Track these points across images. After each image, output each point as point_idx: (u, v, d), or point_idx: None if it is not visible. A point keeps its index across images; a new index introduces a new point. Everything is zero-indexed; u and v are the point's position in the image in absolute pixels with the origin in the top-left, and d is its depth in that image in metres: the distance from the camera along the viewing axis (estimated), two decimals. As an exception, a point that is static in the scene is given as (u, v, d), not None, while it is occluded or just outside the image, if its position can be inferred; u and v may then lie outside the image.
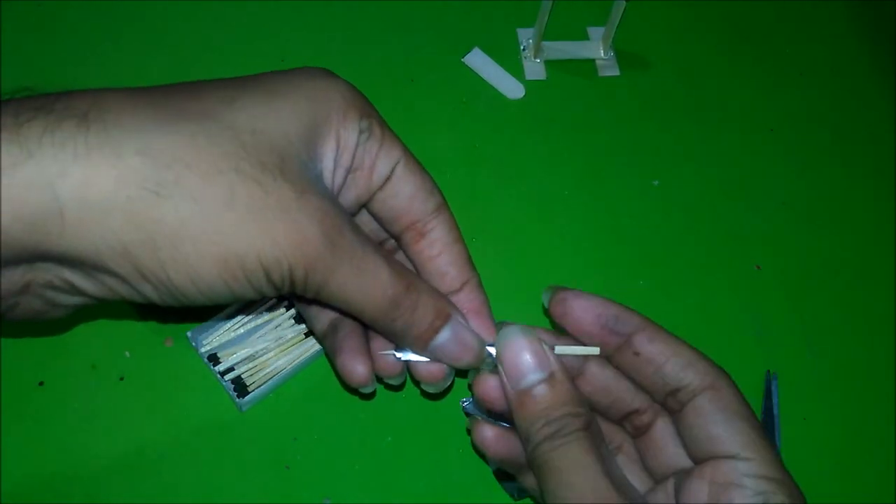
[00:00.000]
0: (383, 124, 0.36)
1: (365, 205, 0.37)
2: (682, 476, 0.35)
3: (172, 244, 0.29)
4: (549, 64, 0.64)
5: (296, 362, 0.49)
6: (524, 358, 0.35)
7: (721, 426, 0.34)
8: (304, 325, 0.50)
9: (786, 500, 0.33)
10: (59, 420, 0.47)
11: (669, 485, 0.36)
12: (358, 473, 0.47)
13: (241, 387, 0.48)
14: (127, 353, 0.49)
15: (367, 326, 0.37)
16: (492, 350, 0.38)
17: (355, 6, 0.64)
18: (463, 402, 0.49)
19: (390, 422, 0.49)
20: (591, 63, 0.64)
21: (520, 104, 0.62)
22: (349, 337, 0.38)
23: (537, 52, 0.63)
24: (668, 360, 0.36)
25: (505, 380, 0.36)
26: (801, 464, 0.50)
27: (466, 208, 0.56)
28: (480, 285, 0.40)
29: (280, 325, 0.50)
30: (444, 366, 0.38)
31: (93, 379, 0.48)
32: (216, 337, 0.49)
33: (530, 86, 0.62)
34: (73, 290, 0.31)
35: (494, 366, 0.37)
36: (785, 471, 0.34)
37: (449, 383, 0.41)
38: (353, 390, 0.47)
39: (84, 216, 0.27)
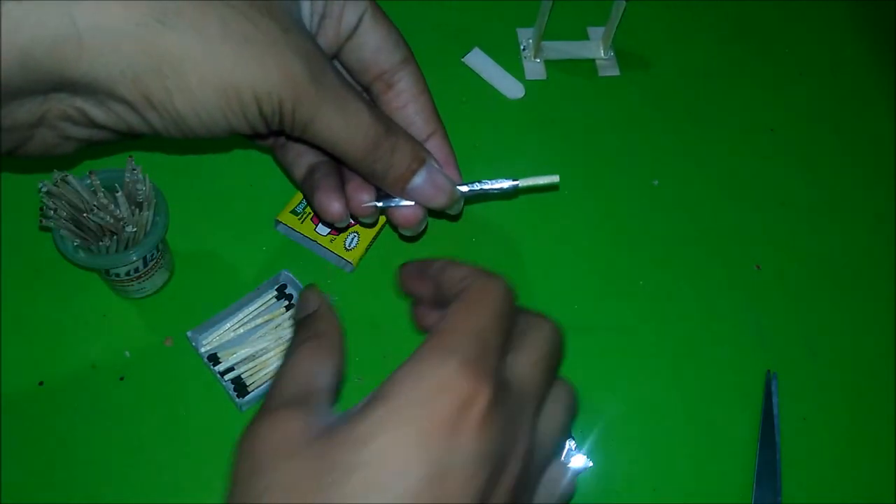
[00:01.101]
0: None
1: (336, 56, 0.39)
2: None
3: (177, 72, 0.31)
4: (549, 64, 0.64)
5: (296, 362, 0.49)
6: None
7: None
8: (304, 325, 0.50)
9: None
10: (59, 420, 0.47)
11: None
12: (358, 473, 0.47)
13: (240, 387, 0.48)
14: (127, 353, 0.49)
15: (350, 168, 0.39)
16: (462, 189, 0.41)
17: (355, 6, 0.64)
18: None
19: (390, 422, 0.49)
20: (591, 63, 0.64)
21: (520, 104, 0.62)
22: (326, 177, 0.41)
23: (537, 51, 0.63)
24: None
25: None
26: (801, 464, 0.50)
27: (466, 208, 0.56)
28: (446, 136, 0.43)
29: (280, 324, 0.50)
30: (420, 210, 0.41)
31: (93, 379, 0.48)
32: (216, 337, 0.49)
33: (530, 86, 0.62)
34: (86, 119, 0.32)
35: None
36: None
37: (423, 227, 0.44)
38: (328, 223, 0.48)
39: (99, 41, 0.29)
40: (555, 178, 0.44)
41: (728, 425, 0.51)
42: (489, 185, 0.43)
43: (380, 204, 0.41)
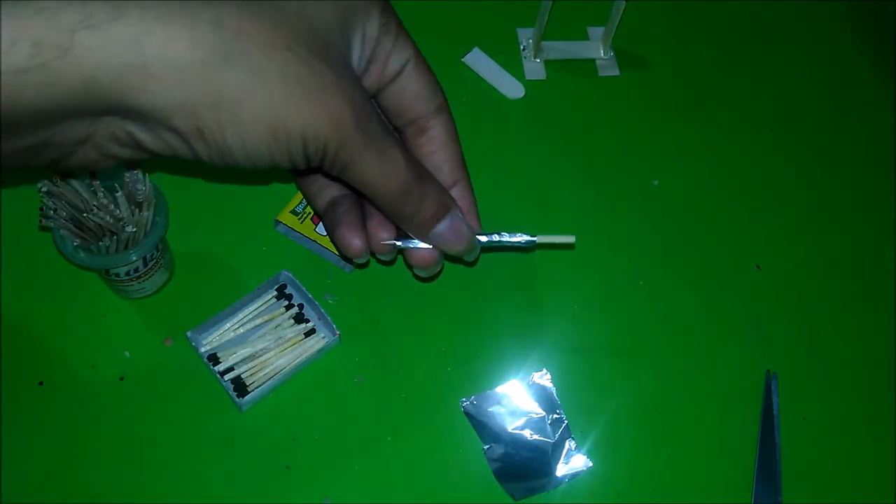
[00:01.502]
0: (399, 23, 0.39)
1: (374, 97, 0.40)
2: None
3: (233, 109, 0.32)
4: (549, 64, 0.64)
5: (296, 362, 0.49)
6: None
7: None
8: (303, 325, 0.50)
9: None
10: (59, 420, 0.47)
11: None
12: (358, 473, 0.47)
13: (240, 386, 0.48)
14: (127, 353, 0.49)
15: (378, 208, 0.40)
16: (482, 238, 0.43)
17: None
18: (463, 402, 0.49)
19: (390, 422, 0.49)
20: (591, 63, 0.64)
21: (520, 104, 0.62)
22: (348, 213, 0.42)
23: (537, 51, 0.63)
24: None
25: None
26: (801, 464, 0.50)
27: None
28: (470, 186, 0.44)
29: (280, 324, 0.50)
30: (437, 253, 0.42)
31: (93, 379, 0.48)
32: (216, 337, 0.49)
33: (530, 85, 0.62)
34: (132, 142, 0.33)
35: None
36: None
37: (439, 269, 0.45)
38: (347, 259, 0.49)
39: (164, 73, 0.30)
40: (570, 239, 0.46)
41: (728, 425, 0.51)
42: (507, 238, 0.44)
43: (399, 243, 0.42)
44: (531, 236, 0.45)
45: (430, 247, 0.42)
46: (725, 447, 0.50)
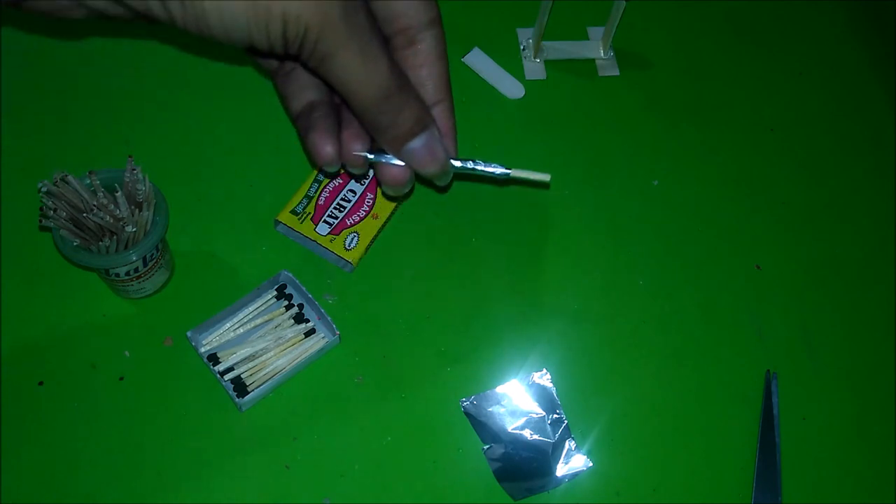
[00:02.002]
0: None
1: None
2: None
3: None
4: (548, 64, 0.64)
5: (295, 362, 0.49)
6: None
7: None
8: (303, 325, 0.50)
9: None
10: (59, 420, 0.47)
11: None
12: (358, 473, 0.47)
13: (240, 386, 0.48)
14: (126, 353, 0.49)
15: (354, 113, 0.39)
16: (456, 163, 0.41)
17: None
18: (463, 402, 0.49)
19: (390, 422, 0.49)
20: (591, 63, 0.64)
21: (520, 104, 0.62)
22: (323, 118, 0.41)
23: (537, 51, 0.63)
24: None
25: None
26: (802, 463, 0.50)
27: (466, 208, 0.56)
28: (452, 108, 0.42)
29: (280, 324, 0.50)
30: (409, 171, 0.41)
31: (92, 379, 0.48)
32: (216, 337, 0.49)
33: (530, 86, 0.62)
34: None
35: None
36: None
37: (408, 190, 0.43)
38: (317, 167, 0.48)
39: None
40: (546, 177, 0.44)
41: (728, 425, 0.51)
42: (482, 167, 0.42)
43: (371, 156, 0.41)
44: (506, 168, 0.43)
45: (403, 164, 0.41)
46: (725, 447, 0.50)
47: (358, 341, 0.51)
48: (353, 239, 0.52)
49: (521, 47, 0.64)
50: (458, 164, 0.41)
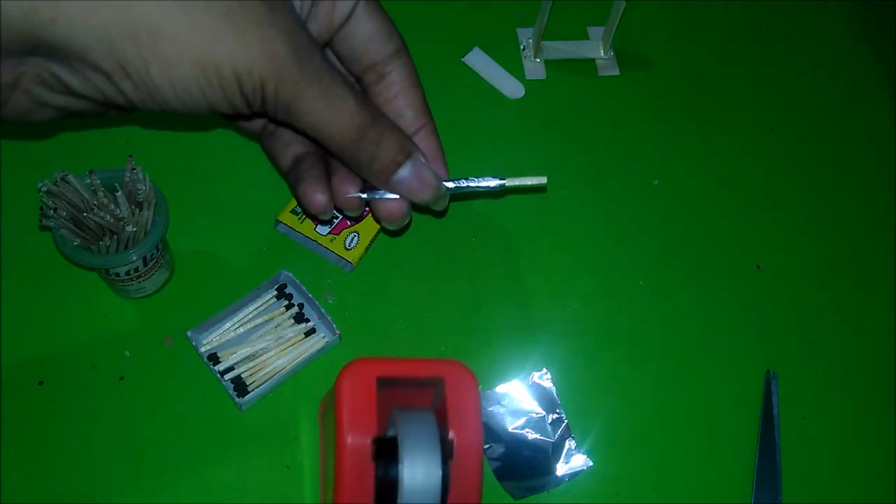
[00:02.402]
0: None
1: (328, 44, 0.39)
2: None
3: (154, 41, 0.30)
4: (549, 63, 0.64)
5: (295, 362, 0.49)
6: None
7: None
8: (304, 325, 0.50)
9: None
10: (58, 419, 0.47)
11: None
12: (358, 473, 0.47)
13: (240, 386, 0.48)
14: (126, 353, 0.49)
15: (334, 155, 0.39)
16: (448, 185, 0.41)
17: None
18: None
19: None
20: (591, 63, 0.64)
21: (520, 104, 0.62)
22: (311, 168, 0.41)
23: (537, 51, 0.63)
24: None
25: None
26: (801, 463, 0.50)
27: (466, 208, 0.56)
28: (435, 131, 0.42)
29: (280, 324, 0.50)
30: (404, 203, 0.41)
31: (92, 378, 0.48)
32: (216, 336, 0.49)
33: (530, 85, 0.62)
34: (61, 86, 0.32)
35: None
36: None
37: (407, 222, 0.43)
38: (312, 216, 0.48)
39: (75, 5, 0.29)
40: (542, 179, 0.43)
41: (728, 425, 0.51)
42: (476, 183, 0.42)
43: (364, 196, 0.41)
44: (501, 179, 0.43)
45: (397, 197, 0.41)
46: (725, 447, 0.50)
47: (358, 341, 0.51)
48: (353, 239, 0.52)
49: (521, 47, 0.64)
50: (451, 185, 0.41)
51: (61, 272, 0.51)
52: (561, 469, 0.48)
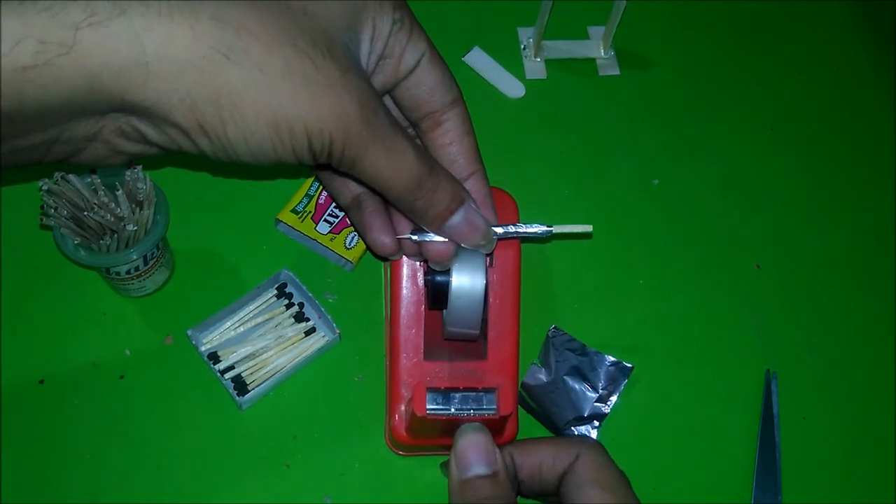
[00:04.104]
0: (413, 18, 0.39)
1: (390, 91, 0.41)
2: None
3: (234, 104, 0.32)
4: (549, 63, 0.64)
5: (296, 361, 0.49)
6: (476, 452, 0.40)
7: (576, 495, 0.40)
8: (304, 324, 0.50)
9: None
10: (59, 418, 0.47)
11: None
12: (358, 472, 0.47)
13: (240, 385, 0.48)
14: (127, 352, 0.49)
15: (390, 202, 0.40)
16: (497, 230, 0.43)
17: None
18: None
19: (390, 421, 0.49)
20: (591, 62, 0.64)
21: (520, 103, 0.62)
22: (375, 215, 0.43)
23: (538, 51, 0.63)
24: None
25: (454, 468, 0.40)
26: (801, 463, 0.50)
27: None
28: (485, 177, 0.44)
29: (280, 323, 0.50)
30: (453, 246, 0.42)
31: (93, 377, 0.48)
32: (216, 335, 0.49)
33: (530, 85, 0.62)
34: (140, 137, 0.34)
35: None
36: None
37: (454, 264, 0.44)
38: (380, 257, 0.48)
39: (165, 69, 0.30)
40: (588, 228, 0.44)
41: (728, 425, 0.51)
42: (523, 229, 0.44)
43: (415, 237, 0.42)
44: (548, 226, 0.44)
45: (446, 240, 0.42)
46: (725, 447, 0.50)
47: (358, 340, 0.51)
48: (353, 238, 0.52)
49: (522, 46, 0.64)
50: (499, 230, 0.43)
51: (61, 271, 0.51)
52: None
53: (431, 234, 0.42)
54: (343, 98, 0.33)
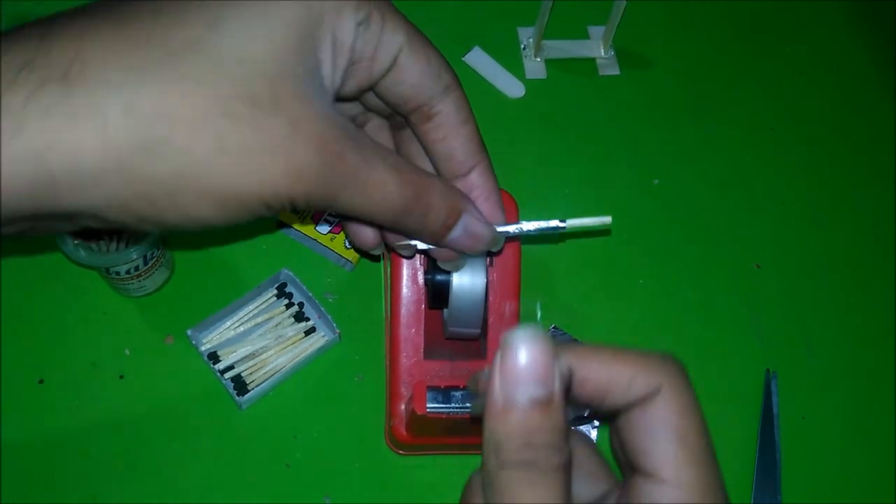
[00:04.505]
0: (385, 8, 0.34)
1: (371, 89, 0.36)
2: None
3: (169, 196, 0.28)
4: (549, 63, 0.64)
5: (295, 360, 0.49)
6: (530, 368, 0.28)
7: (647, 441, 0.31)
8: (303, 324, 0.50)
9: None
10: (59, 418, 0.47)
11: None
12: (358, 472, 0.47)
13: (240, 385, 0.48)
14: (127, 352, 0.49)
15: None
16: (506, 229, 0.39)
17: (356, 5, 0.64)
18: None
19: (390, 420, 0.49)
20: (591, 62, 0.64)
21: (520, 103, 0.62)
22: None
23: (538, 50, 0.63)
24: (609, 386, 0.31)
25: (497, 382, 0.28)
26: (801, 463, 0.50)
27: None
28: (489, 168, 0.40)
29: (280, 323, 0.50)
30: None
31: (93, 377, 0.48)
32: (216, 335, 0.49)
33: (530, 85, 0.62)
34: (78, 225, 0.31)
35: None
36: (710, 494, 0.30)
37: (465, 262, 0.42)
38: (361, 252, 0.48)
39: (77, 182, 0.27)
40: (606, 220, 0.39)
41: (728, 425, 0.51)
42: (534, 226, 0.40)
43: (418, 245, 0.39)
44: (561, 221, 0.39)
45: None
46: (725, 447, 0.50)
47: (358, 340, 0.51)
48: (353, 238, 0.52)
49: (522, 46, 0.64)
50: (510, 228, 0.39)
51: (62, 271, 0.51)
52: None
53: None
54: (298, 153, 0.29)
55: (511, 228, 0.39)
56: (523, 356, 0.28)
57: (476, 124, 0.39)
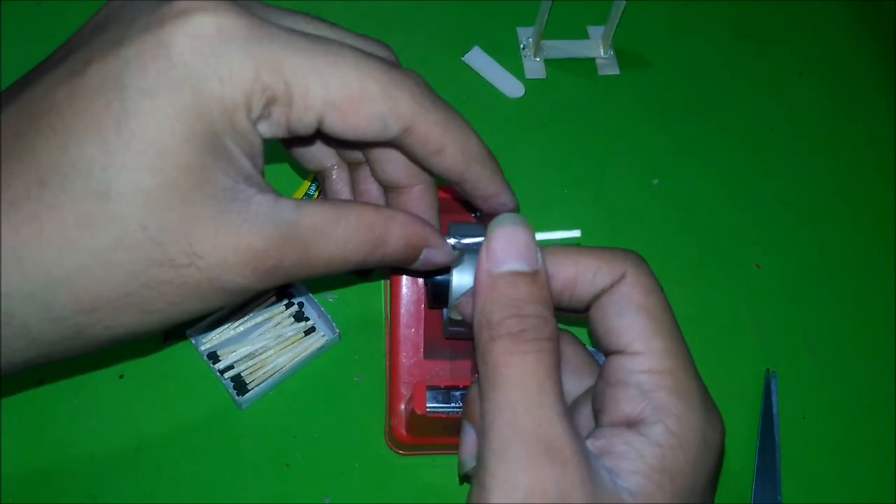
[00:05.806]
0: (290, 80, 0.29)
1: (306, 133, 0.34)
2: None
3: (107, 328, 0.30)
4: (548, 62, 0.64)
5: (295, 360, 0.49)
6: (513, 245, 0.31)
7: (617, 320, 0.32)
8: (303, 324, 0.50)
9: (667, 395, 0.32)
10: (58, 418, 0.47)
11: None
12: (358, 472, 0.47)
13: (240, 385, 0.48)
14: (127, 352, 0.49)
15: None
16: (470, 241, 0.38)
17: (354, 5, 0.64)
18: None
19: (390, 420, 0.49)
20: (590, 62, 0.64)
21: (519, 103, 0.62)
22: (340, 184, 0.41)
23: (537, 50, 0.63)
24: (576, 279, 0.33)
25: (484, 261, 0.31)
26: (801, 463, 0.50)
27: (466, 207, 0.56)
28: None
29: (279, 322, 0.50)
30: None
31: (92, 377, 0.48)
32: (216, 335, 0.49)
33: (530, 84, 0.62)
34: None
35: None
36: (678, 358, 0.33)
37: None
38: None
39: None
40: (576, 233, 0.38)
41: (727, 424, 0.51)
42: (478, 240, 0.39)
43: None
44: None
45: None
46: (725, 446, 0.50)
47: (358, 340, 0.51)
48: (353, 238, 0.52)
49: (521, 46, 0.64)
50: (463, 242, 0.38)
51: (61, 271, 0.50)
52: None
53: None
54: (228, 289, 0.30)
55: (463, 242, 0.39)
56: (508, 236, 0.31)
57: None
